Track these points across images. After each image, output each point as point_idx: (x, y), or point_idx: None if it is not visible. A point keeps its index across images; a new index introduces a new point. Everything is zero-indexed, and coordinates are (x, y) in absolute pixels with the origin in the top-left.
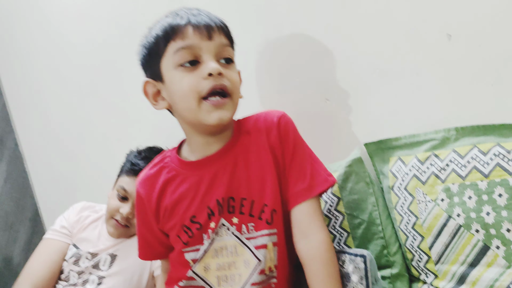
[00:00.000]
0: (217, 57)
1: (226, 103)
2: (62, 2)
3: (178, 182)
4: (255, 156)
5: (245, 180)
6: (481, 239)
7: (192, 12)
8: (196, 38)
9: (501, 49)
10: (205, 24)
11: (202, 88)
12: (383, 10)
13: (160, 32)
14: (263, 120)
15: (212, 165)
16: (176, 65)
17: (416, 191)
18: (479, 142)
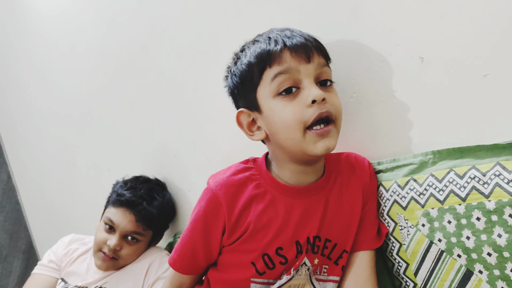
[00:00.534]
0: (316, 79)
1: (331, 131)
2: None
3: (268, 202)
4: (348, 199)
5: (334, 221)
6: (464, 264)
7: (286, 34)
8: (294, 61)
9: (473, 71)
10: (302, 45)
11: (308, 117)
12: (357, 35)
13: (254, 58)
14: (357, 163)
15: (306, 197)
16: (274, 93)
17: (398, 217)
18: (455, 165)
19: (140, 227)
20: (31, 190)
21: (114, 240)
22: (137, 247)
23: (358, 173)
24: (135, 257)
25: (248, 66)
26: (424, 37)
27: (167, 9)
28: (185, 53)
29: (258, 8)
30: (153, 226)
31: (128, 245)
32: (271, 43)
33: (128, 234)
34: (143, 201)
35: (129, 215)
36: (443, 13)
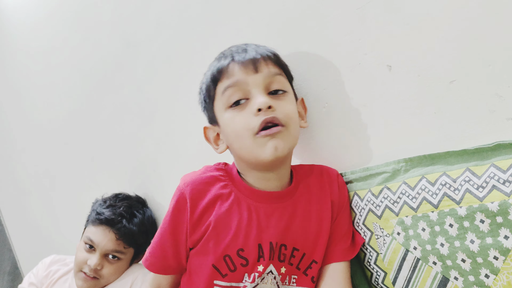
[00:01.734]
0: (267, 89)
1: (281, 131)
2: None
3: (231, 202)
4: (316, 210)
5: (302, 231)
6: (439, 271)
7: (237, 50)
8: (242, 74)
9: (440, 78)
10: (250, 58)
11: (254, 124)
12: (326, 45)
13: (209, 75)
14: (326, 175)
15: (272, 203)
16: (226, 106)
17: (374, 226)
18: (427, 172)
19: (120, 245)
20: (14, 210)
21: (94, 260)
22: (119, 265)
23: (327, 185)
24: (117, 275)
25: (206, 83)
26: (391, 45)
27: (141, 25)
28: (159, 69)
29: (229, 22)
30: (134, 243)
31: (109, 263)
32: (222, 59)
33: (109, 253)
34: (123, 219)
35: (109, 234)
36: (408, 22)
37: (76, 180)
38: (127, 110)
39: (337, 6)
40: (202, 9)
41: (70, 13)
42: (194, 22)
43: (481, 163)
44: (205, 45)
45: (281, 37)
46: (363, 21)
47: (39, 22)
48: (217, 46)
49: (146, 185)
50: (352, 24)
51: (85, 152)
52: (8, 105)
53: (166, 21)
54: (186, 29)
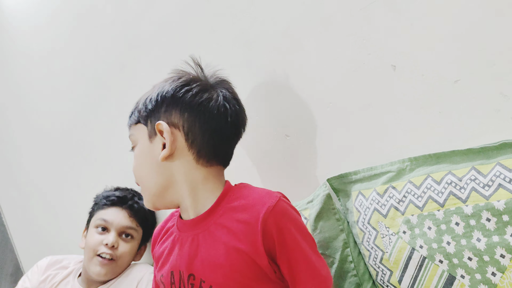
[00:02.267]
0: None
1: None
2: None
3: (168, 234)
4: (229, 241)
5: (208, 261)
6: (446, 269)
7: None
8: None
9: (444, 77)
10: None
11: None
12: (330, 45)
13: None
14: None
15: (187, 231)
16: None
17: (379, 225)
18: (432, 171)
19: (133, 222)
20: (16, 212)
21: (111, 238)
22: (132, 245)
23: (246, 219)
24: (130, 257)
25: None
26: (395, 45)
27: (144, 27)
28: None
29: (232, 23)
30: (144, 223)
31: (124, 242)
32: None
33: (123, 230)
34: (134, 196)
35: (122, 211)
36: (412, 22)
37: (78, 181)
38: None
39: (341, 6)
40: (204, 9)
41: (72, 16)
42: (196, 23)
43: (486, 162)
44: (207, 46)
45: (285, 37)
46: (367, 21)
47: (40, 25)
48: (219, 47)
49: None
50: (356, 24)
51: (89, 153)
52: (10, 108)
53: (168, 22)
54: (188, 30)
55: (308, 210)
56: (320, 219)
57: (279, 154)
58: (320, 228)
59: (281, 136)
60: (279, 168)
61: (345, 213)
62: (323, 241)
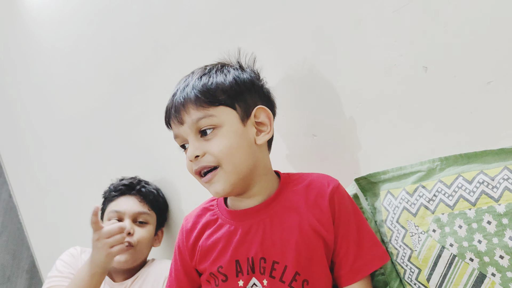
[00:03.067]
0: (196, 133)
1: (216, 174)
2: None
3: (216, 227)
4: (298, 221)
5: (279, 243)
6: (476, 267)
7: (174, 96)
8: (176, 127)
9: (477, 78)
10: (175, 111)
11: (192, 169)
12: (361, 47)
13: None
14: (315, 187)
15: (248, 219)
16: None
17: (408, 224)
18: (463, 171)
19: (145, 206)
20: (32, 209)
21: (126, 224)
22: (148, 229)
23: (313, 197)
24: (148, 242)
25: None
26: (427, 46)
27: (170, 26)
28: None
29: (260, 23)
30: (156, 206)
31: (140, 227)
32: (167, 110)
33: (136, 217)
34: (141, 182)
35: (132, 198)
36: (445, 22)
37: (96, 178)
38: (154, 110)
39: (373, 8)
40: (233, 7)
41: (96, 14)
42: (225, 23)
43: None
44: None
45: (316, 36)
46: (399, 23)
47: (63, 22)
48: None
49: (170, 182)
50: (388, 26)
51: (108, 151)
52: (32, 105)
53: (196, 22)
54: (216, 30)
55: None
56: None
57: (306, 154)
58: None
59: (309, 136)
60: (306, 167)
61: (372, 212)
62: None
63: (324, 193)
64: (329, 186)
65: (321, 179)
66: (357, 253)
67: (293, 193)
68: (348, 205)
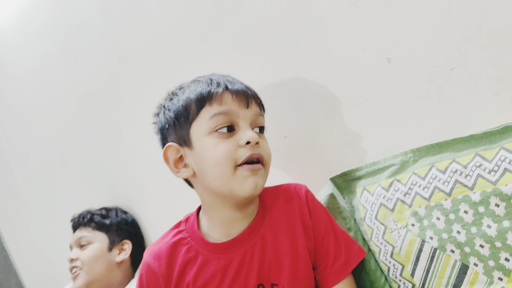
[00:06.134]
0: (252, 125)
1: (261, 169)
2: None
3: (201, 264)
4: (287, 238)
5: (275, 264)
6: (458, 258)
7: (228, 79)
8: (235, 105)
9: (440, 66)
10: (242, 91)
11: (240, 156)
12: (322, 43)
13: (194, 95)
14: (294, 196)
15: (239, 248)
16: (210, 130)
17: (387, 220)
18: (436, 161)
19: (86, 229)
20: (17, 235)
21: (71, 255)
22: (91, 249)
23: (296, 208)
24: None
25: (187, 101)
26: (388, 38)
27: (133, 38)
28: (155, 81)
29: (222, 28)
30: (103, 224)
31: (83, 250)
32: (213, 84)
33: (79, 242)
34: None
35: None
36: (403, 13)
37: (78, 199)
38: (125, 125)
39: (331, 3)
40: (193, 16)
41: (59, 33)
42: (186, 31)
43: (490, 147)
44: (198, 53)
45: (276, 38)
46: (358, 16)
47: (27, 44)
48: (210, 53)
49: (148, 198)
50: (347, 20)
51: (86, 170)
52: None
53: (158, 31)
54: (178, 38)
55: None
56: None
57: (279, 156)
58: None
59: (280, 138)
60: (280, 170)
61: (351, 211)
62: None
63: (301, 202)
64: (302, 193)
65: (291, 188)
66: (336, 254)
67: (274, 209)
68: (320, 208)
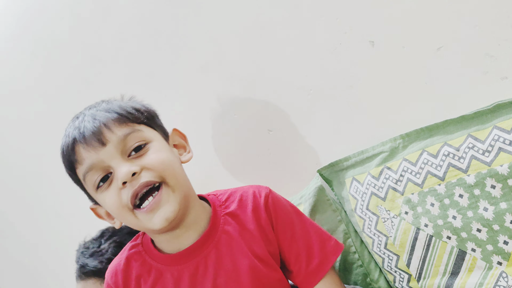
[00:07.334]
0: (125, 153)
1: (163, 197)
2: None
3: (153, 279)
4: (244, 244)
5: (233, 272)
6: (455, 245)
7: (78, 125)
8: (91, 154)
9: (426, 46)
10: (90, 133)
11: (126, 200)
12: (302, 29)
13: (65, 164)
14: (249, 200)
15: (192, 259)
16: (94, 189)
17: (379, 209)
18: (427, 145)
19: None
20: None
21: None
22: None
23: (249, 210)
24: None
25: (66, 170)
26: (370, 20)
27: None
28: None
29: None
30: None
31: None
32: (66, 139)
33: None
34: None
35: (100, 286)
36: None
37: (57, 209)
38: None
39: None
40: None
41: (27, 40)
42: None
43: (482, 127)
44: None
45: (254, 28)
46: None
47: None
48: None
49: None
50: (326, 4)
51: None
52: None
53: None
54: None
55: (302, 205)
56: (315, 212)
57: (263, 151)
58: (317, 221)
59: (264, 132)
60: (266, 165)
61: (341, 202)
62: None
63: (258, 205)
64: (261, 196)
65: (251, 191)
66: (309, 255)
67: (230, 215)
68: (284, 208)
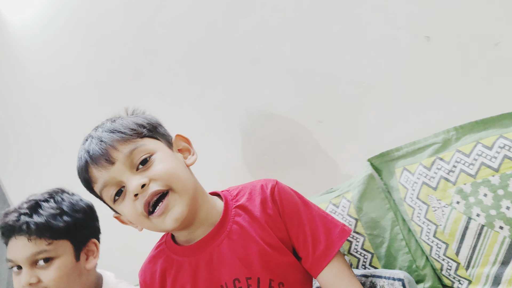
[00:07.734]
0: (133, 167)
1: (170, 202)
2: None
3: (175, 271)
4: (254, 231)
5: (245, 257)
6: (507, 235)
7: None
8: (103, 173)
9: (483, 41)
10: (99, 155)
11: (140, 209)
12: (358, 23)
13: (80, 180)
14: (258, 195)
15: (205, 248)
16: (112, 202)
17: (429, 198)
18: (481, 137)
19: (39, 244)
20: None
21: (23, 277)
22: (57, 266)
23: (257, 200)
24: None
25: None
26: (426, 15)
27: (157, 30)
28: (180, 72)
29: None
30: (57, 233)
31: (45, 269)
32: (79, 162)
33: (34, 259)
34: (24, 216)
35: (19, 240)
36: None
37: None
38: None
39: None
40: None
41: (80, 28)
42: (212, 20)
43: None
44: (227, 43)
45: (310, 21)
46: None
47: (48, 42)
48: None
49: None
50: None
51: None
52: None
53: (183, 22)
54: (204, 28)
55: (350, 193)
56: (364, 200)
57: (313, 142)
58: (366, 209)
59: (314, 123)
60: (315, 155)
61: (389, 191)
62: (370, 221)
63: (265, 196)
64: (268, 188)
65: (259, 184)
66: (315, 241)
67: (240, 207)
68: (290, 198)
